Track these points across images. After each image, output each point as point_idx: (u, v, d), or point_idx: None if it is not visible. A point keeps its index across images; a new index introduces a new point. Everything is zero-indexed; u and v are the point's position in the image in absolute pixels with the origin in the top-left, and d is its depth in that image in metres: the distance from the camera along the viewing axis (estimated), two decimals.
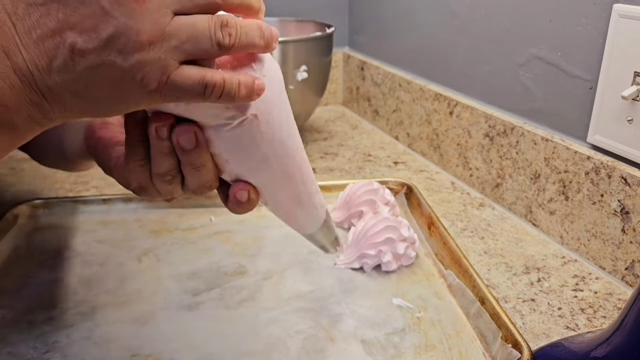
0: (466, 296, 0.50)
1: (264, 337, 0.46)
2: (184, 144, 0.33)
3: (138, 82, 0.28)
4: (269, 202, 0.39)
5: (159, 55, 0.28)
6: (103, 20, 0.27)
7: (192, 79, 0.29)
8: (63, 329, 0.47)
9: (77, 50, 0.27)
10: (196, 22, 0.29)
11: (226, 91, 0.30)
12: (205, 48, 0.29)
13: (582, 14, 0.58)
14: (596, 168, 0.56)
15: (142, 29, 0.27)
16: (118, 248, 0.59)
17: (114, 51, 0.27)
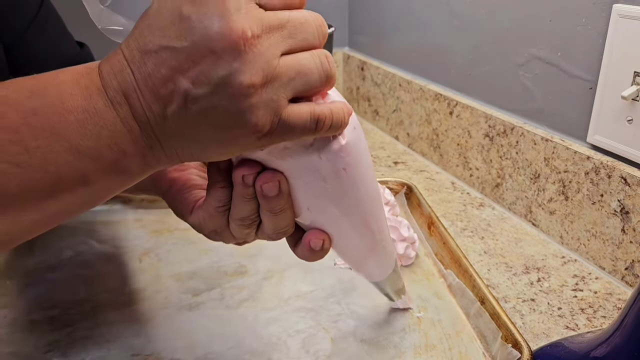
0: (466, 296, 0.50)
1: (264, 337, 0.46)
2: (267, 191, 0.33)
3: (251, 126, 0.28)
4: (341, 249, 0.38)
5: (271, 97, 0.28)
6: (215, 65, 0.27)
7: (303, 115, 0.29)
8: (64, 329, 0.47)
9: (190, 97, 0.27)
10: (302, 58, 0.29)
11: (335, 121, 0.31)
12: (314, 82, 0.29)
13: (582, 14, 0.58)
14: (596, 168, 0.56)
15: (253, 71, 0.27)
16: (119, 248, 0.59)
17: (225, 96, 0.27)
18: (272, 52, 0.28)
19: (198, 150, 0.30)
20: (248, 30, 0.27)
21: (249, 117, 0.28)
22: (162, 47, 0.27)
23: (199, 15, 0.26)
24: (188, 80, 0.27)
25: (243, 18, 0.27)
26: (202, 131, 0.29)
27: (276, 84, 0.28)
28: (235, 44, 0.26)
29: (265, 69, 0.27)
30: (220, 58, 0.27)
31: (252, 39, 0.27)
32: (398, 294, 0.47)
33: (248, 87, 0.27)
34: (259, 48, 0.27)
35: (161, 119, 0.28)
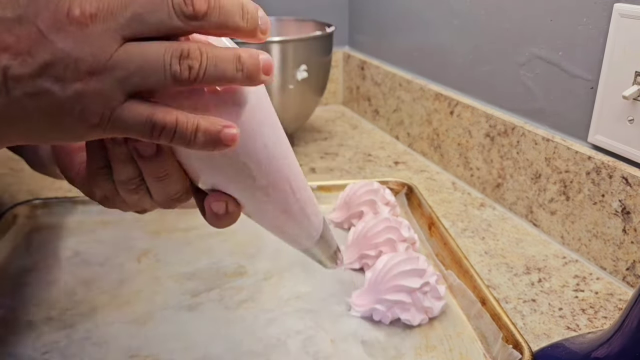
0: (467, 297, 0.50)
1: (263, 338, 0.46)
2: (142, 151, 0.29)
3: (77, 114, 0.25)
4: (253, 213, 0.34)
5: (102, 87, 0.24)
6: (40, 44, 0.24)
7: (138, 116, 0.25)
8: (62, 330, 0.47)
9: (11, 75, 0.24)
10: (148, 51, 0.25)
11: (178, 135, 0.26)
12: (156, 81, 0.25)
13: (583, 14, 0.57)
14: (597, 168, 0.56)
15: (83, 57, 0.24)
16: (117, 248, 0.59)
17: (50, 79, 0.24)
18: (108, 36, 0.24)
19: (21, 134, 0.26)
20: (76, 8, 0.23)
21: (74, 106, 0.25)
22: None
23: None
24: (10, 56, 0.24)
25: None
26: (24, 115, 0.25)
27: (110, 74, 0.24)
28: (61, 23, 0.23)
29: (97, 55, 0.24)
30: (45, 37, 0.23)
31: (82, 17, 0.23)
32: (332, 259, 0.41)
33: (74, 72, 0.24)
34: (90, 29, 0.24)
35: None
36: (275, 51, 0.78)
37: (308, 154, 0.89)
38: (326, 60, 0.87)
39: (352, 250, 0.56)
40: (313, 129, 1.02)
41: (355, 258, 0.55)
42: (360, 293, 0.50)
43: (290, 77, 0.81)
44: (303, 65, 0.81)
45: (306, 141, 0.96)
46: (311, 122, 1.05)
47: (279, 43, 0.78)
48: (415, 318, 0.47)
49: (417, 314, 0.47)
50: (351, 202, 0.62)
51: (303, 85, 0.83)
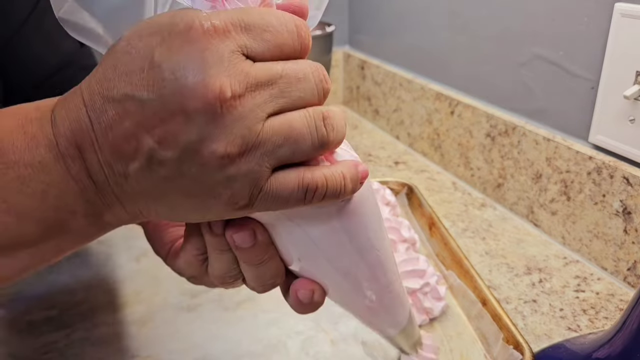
0: (467, 297, 0.49)
1: (263, 339, 0.46)
2: (240, 242, 0.28)
3: (226, 199, 0.24)
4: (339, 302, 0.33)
5: (251, 168, 0.23)
6: (184, 126, 0.22)
7: (290, 185, 0.24)
8: (62, 330, 0.47)
9: (156, 159, 0.23)
10: (294, 120, 0.24)
11: (330, 191, 0.25)
12: (305, 149, 0.24)
13: (583, 13, 0.57)
14: (598, 168, 0.56)
15: (230, 139, 0.22)
16: (117, 249, 0.59)
17: (195, 164, 0.23)
18: (256, 115, 0.23)
19: (165, 212, 0.25)
20: (228, 89, 0.22)
21: (222, 190, 0.23)
22: (127, 97, 0.22)
23: (172, 64, 0.22)
24: (153, 139, 0.22)
25: (224, 73, 0.22)
26: (169, 195, 0.24)
27: (258, 152, 0.23)
28: (210, 104, 0.22)
29: (246, 135, 0.23)
30: (191, 119, 0.22)
31: (232, 100, 0.22)
32: (414, 347, 0.41)
33: (222, 157, 0.22)
34: (239, 110, 0.22)
35: (122, 178, 0.24)
36: None
37: None
38: (326, 59, 0.87)
39: None
40: None
41: None
42: None
43: None
44: None
45: None
46: None
47: None
48: (416, 319, 0.47)
49: (417, 315, 0.47)
50: None
51: None
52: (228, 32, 0.22)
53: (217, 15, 0.23)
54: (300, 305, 0.31)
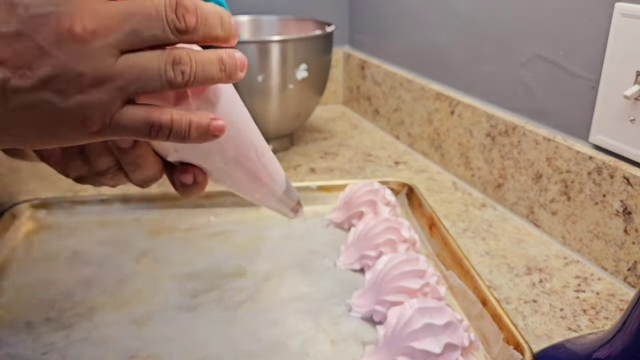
0: (467, 297, 0.49)
1: (263, 339, 0.46)
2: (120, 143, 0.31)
3: (78, 123, 0.26)
4: (222, 180, 0.37)
5: (102, 97, 0.26)
6: (40, 59, 0.24)
7: (137, 119, 0.27)
8: (61, 330, 0.47)
9: (10, 87, 0.25)
10: (145, 61, 0.27)
11: (174, 132, 0.28)
12: (154, 87, 0.27)
13: (584, 13, 0.57)
14: (598, 168, 0.56)
15: (85, 71, 0.25)
16: (116, 249, 0.59)
17: (52, 91, 0.25)
18: (108, 50, 0.25)
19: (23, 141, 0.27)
20: (78, 25, 0.24)
21: (75, 116, 0.26)
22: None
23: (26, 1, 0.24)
24: (8, 70, 0.24)
25: (75, 9, 0.24)
26: (26, 124, 0.26)
27: (108, 85, 0.26)
28: (63, 39, 0.24)
29: (96, 68, 0.25)
30: (46, 53, 0.24)
31: (83, 34, 0.24)
32: (294, 211, 0.44)
33: (77, 85, 0.25)
34: (91, 45, 0.25)
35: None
36: (275, 50, 0.78)
37: (308, 154, 0.89)
38: (326, 59, 0.87)
39: (353, 251, 0.56)
40: (313, 128, 1.02)
41: (356, 259, 0.55)
42: (360, 294, 0.50)
43: (290, 77, 0.80)
44: (303, 65, 0.81)
45: (306, 141, 0.95)
46: (311, 122, 1.05)
47: (279, 42, 0.78)
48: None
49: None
50: (351, 202, 0.62)
51: (303, 85, 0.82)
52: None
53: None
54: (185, 187, 0.35)
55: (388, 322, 0.43)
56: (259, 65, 0.78)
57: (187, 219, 0.65)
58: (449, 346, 0.41)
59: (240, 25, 0.97)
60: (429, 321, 0.41)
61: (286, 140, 0.91)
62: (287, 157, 0.88)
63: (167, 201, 0.67)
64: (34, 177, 0.80)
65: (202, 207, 0.67)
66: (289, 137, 0.92)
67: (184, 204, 0.67)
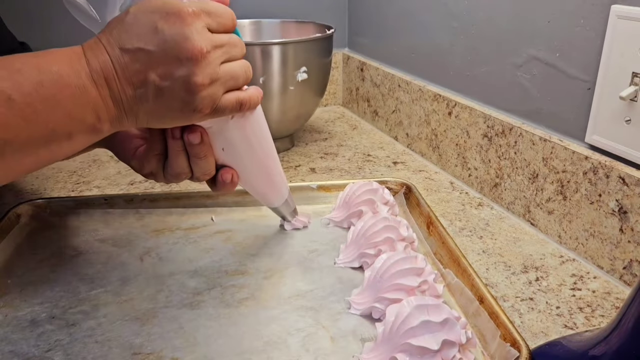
0: (465, 295, 0.50)
1: (264, 336, 0.46)
2: (192, 139, 0.46)
3: (198, 110, 0.41)
4: (247, 183, 0.53)
5: (214, 91, 0.41)
6: (177, 67, 0.39)
7: (231, 101, 0.43)
8: (65, 328, 0.47)
9: (157, 86, 0.39)
10: (235, 68, 0.43)
11: (253, 103, 0.46)
12: (241, 82, 0.44)
13: (580, 15, 0.58)
14: (594, 168, 0.56)
15: (204, 75, 0.40)
16: (120, 247, 0.60)
17: (183, 89, 0.39)
18: (217, 62, 0.41)
19: (155, 121, 0.42)
20: (204, 48, 0.39)
21: (196, 104, 0.40)
22: (139, 49, 0.38)
23: (171, 32, 0.38)
24: (156, 75, 0.39)
25: (200, 39, 0.39)
26: (161, 110, 0.40)
27: (217, 83, 0.41)
28: (194, 55, 0.39)
29: (211, 73, 0.40)
30: (183, 64, 0.39)
31: (206, 54, 0.39)
32: (292, 215, 0.62)
33: (199, 85, 0.40)
34: (208, 59, 0.40)
35: (132, 99, 0.39)
36: (276, 53, 0.79)
37: (308, 154, 0.90)
38: (326, 61, 0.88)
39: (352, 249, 0.56)
40: (313, 129, 1.03)
41: (355, 257, 0.56)
42: (359, 291, 0.51)
43: (290, 79, 0.81)
44: (303, 67, 0.81)
45: (306, 141, 0.96)
46: (311, 123, 1.06)
47: (279, 45, 0.79)
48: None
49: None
50: (350, 201, 0.63)
51: (303, 87, 0.83)
52: (200, 15, 0.40)
53: (193, 4, 0.39)
54: (223, 184, 0.50)
55: (386, 319, 0.43)
56: (261, 67, 0.79)
57: (190, 218, 0.66)
58: (447, 343, 0.41)
59: (242, 28, 0.98)
60: (427, 318, 0.41)
61: (287, 140, 0.92)
62: (288, 157, 0.88)
63: (170, 201, 0.67)
64: (38, 176, 0.80)
65: (204, 206, 0.68)
66: (290, 138, 0.93)
67: (186, 204, 0.68)
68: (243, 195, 0.68)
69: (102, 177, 0.80)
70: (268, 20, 1.00)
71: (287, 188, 0.58)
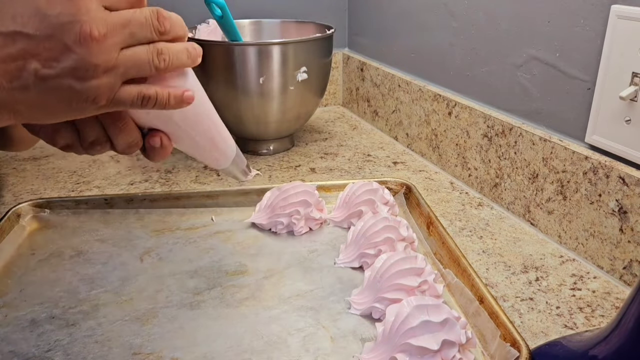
0: (465, 295, 0.50)
1: (264, 336, 0.46)
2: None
3: (91, 100, 0.35)
4: (184, 145, 0.46)
5: (110, 80, 0.35)
6: (65, 54, 0.33)
7: (132, 94, 0.37)
8: (65, 328, 0.47)
9: (39, 75, 0.33)
10: (139, 53, 0.36)
11: (159, 102, 0.38)
12: (145, 71, 0.37)
13: (580, 15, 0.58)
14: (594, 168, 0.56)
15: (98, 62, 0.34)
16: (120, 247, 0.60)
17: (72, 78, 0.33)
18: (114, 47, 0.35)
19: (41, 115, 0.36)
20: (95, 30, 0.33)
21: (89, 94, 0.35)
22: (15, 32, 0.32)
23: (55, 13, 0.32)
24: (38, 62, 0.33)
25: (91, 19, 0.33)
26: (46, 102, 0.34)
27: (113, 72, 0.35)
28: (84, 40, 0.33)
29: (106, 60, 0.34)
30: (71, 50, 0.33)
31: (98, 37, 0.33)
32: (244, 173, 0.53)
33: (91, 74, 0.34)
34: (103, 44, 0.34)
35: (6, 90, 0.33)
36: (276, 53, 0.79)
37: (308, 154, 0.90)
38: (326, 61, 0.88)
39: (352, 249, 0.56)
40: (313, 129, 1.03)
41: (355, 257, 0.56)
42: (359, 291, 0.51)
43: (290, 79, 0.81)
44: (303, 67, 0.81)
45: (306, 141, 0.96)
46: (311, 123, 1.06)
47: (279, 45, 0.79)
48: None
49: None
50: (350, 201, 0.63)
51: (303, 87, 0.83)
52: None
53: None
54: (153, 150, 0.43)
55: (386, 319, 0.43)
56: (260, 68, 0.79)
57: (189, 218, 0.66)
58: (447, 343, 0.41)
59: (242, 28, 0.98)
60: (427, 318, 0.41)
61: (287, 140, 0.92)
62: (288, 157, 0.88)
63: (170, 201, 0.67)
64: (38, 176, 0.80)
65: (204, 206, 0.68)
66: (290, 138, 0.93)
67: (186, 204, 0.68)
68: (243, 195, 0.68)
69: (102, 177, 0.80)
70: (268, 20, 1.00)
71: (233, 145, 0.50)
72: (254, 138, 0.89)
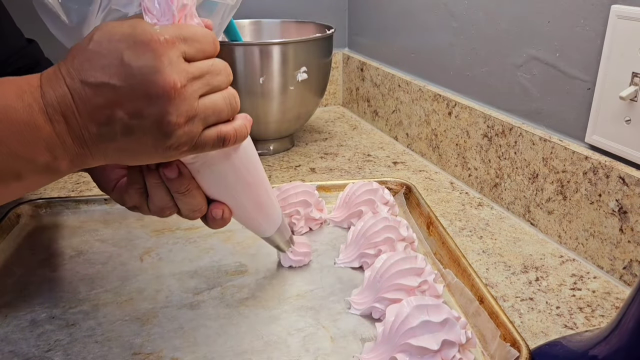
0: (465, 295, 0.50)
1: (264, 336, 0.46)
2: (167, 174, 0.41)
3: (174, 148, 0.36)
4: (240, 216, 0.48)
5: (190, 129, 0.36)
6: (147, 105, 0.34)
7: (213, 136, 0.38)
8: (65, 328, 0.47)
9: (125, 125, 0.34)
10: (217, 100, 0.37)
11: (239, 137, 0.39)
12: (224, 117, 0.38)
13: (580, 15, 0.58)
14: (594, 168, 0.56)
15: (179, 113, 0.35)
16: (120, 247, 0.60)
17: (155, 128, 0.34)
18: (194, 96, 0.35)
19: (128, 158, 0.37)
20: (178, 82, 0.34)
21: (172, 143, 0.36)
22: (103, 83, 0.33)
23: (139, 64, 0.33)
24: (124, 112, 0.34)
25: (174, 71, 0.34)
26: (132, 148, 0.36)
27: (195, 120, 0.36)
28: (167, 92, 0.34)
29: (188, 110, 0.35)
30: (153, 101, 0.34)
31: (180, 88, 0.34)
32: (287, 245, 0.54)
33: (174, 124, 0.35)
34: (184, 94, 0.34)
35: (96, 137, 0.35)
36: (276, 53, 0.79)
37: (308, 154, 0.90)
38: (326, 61, 0.88)
39: (352, 249, 0.56)
40: (313, 129, 1.03)
41: (355, 257, 0.56)
42: (359, 291, 0.51)
43: (290, 79, 0.81)
44: (303, 67, 0.81)
45: (306, 141, 0.96)
46: (311, 123, 1.06)
47: (279, 45, 0.79)
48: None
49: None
50: (350, 201, 0.63)
51: (303, 87, 0.83)
52: (174, 43, 0.34)
53: (166, 30, 0.34)
54: (214, 221, 0.45)
55: (386, 319, 0.43)
56: (261, 68, 0.79)
57: None
58: (447, 343, 0.41)
59: (242, 28, 0.98)
60: (427, 318, 0.41)
61: (287, 140, 0.92)
62: (288, 157, 0.88)
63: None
64: None
65: None
66: (290, 138, 0.93)
67: None
68: None
69: None
70: (268, 20, 1.00)
71: (280, 215, 0.52)
72: (254, 138, 0.87)
